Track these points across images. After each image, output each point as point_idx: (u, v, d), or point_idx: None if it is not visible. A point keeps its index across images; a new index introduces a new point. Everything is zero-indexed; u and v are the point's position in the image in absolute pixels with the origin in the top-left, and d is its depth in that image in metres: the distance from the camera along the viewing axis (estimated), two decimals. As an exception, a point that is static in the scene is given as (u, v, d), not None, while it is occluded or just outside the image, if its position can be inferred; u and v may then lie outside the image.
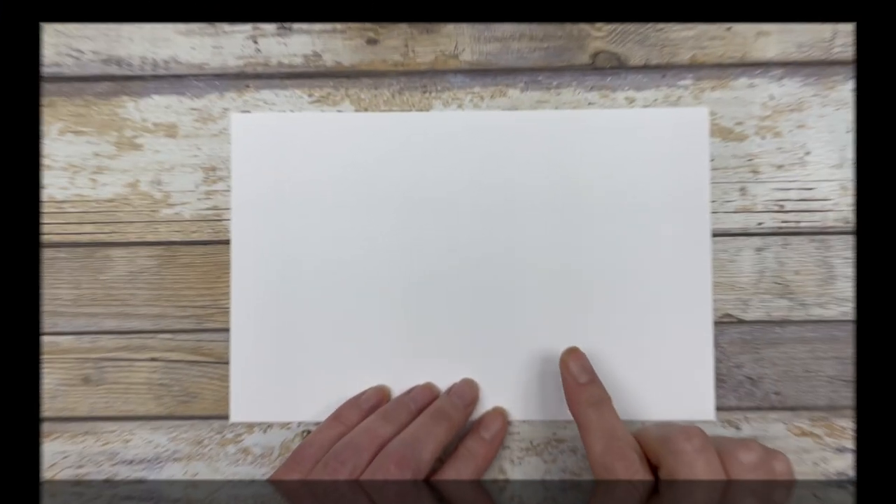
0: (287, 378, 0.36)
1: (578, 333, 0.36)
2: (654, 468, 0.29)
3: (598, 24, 0.36)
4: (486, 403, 0.36)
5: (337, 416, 0.34)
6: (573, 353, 0.33)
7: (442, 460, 0.34)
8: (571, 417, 0.35)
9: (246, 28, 0.37)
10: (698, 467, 0.27)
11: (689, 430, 0.29)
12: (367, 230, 0.36)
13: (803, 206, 0.36)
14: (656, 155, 0.36)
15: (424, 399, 0.34)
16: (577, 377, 0.32)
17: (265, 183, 0.36)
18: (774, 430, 0.36)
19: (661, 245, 0.36)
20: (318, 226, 0.36)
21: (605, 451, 0.29)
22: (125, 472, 0.36)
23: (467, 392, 0.35)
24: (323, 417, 0.35)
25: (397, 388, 0.36)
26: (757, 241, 0.36)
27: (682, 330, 0.35)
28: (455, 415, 0.33)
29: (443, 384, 0.36)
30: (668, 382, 0.35)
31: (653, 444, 0.29)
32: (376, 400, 0.35)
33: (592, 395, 0.32)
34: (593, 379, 0.33)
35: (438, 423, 0.32)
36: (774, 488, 0.28)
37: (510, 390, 0.36)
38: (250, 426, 0.36)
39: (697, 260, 0.36)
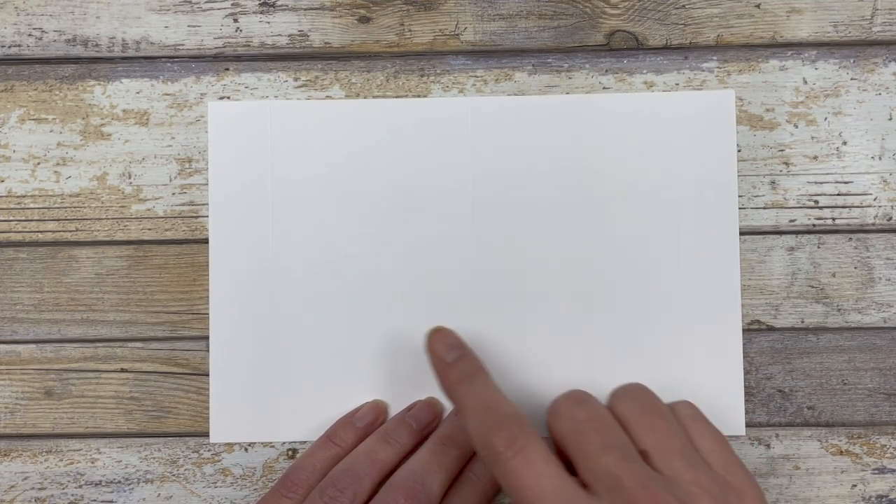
0: (272, 392, 0.34)
1: (593, 341, 0.33)
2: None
3: (614, 1, 0.34)
4: None
5: (330, 435, 0.32)
6: (437, 333, 0.31)
7: (442, 484, 0.31)
8: None
9: (225, 5, 0.34)
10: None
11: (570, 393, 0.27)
12: (359, 228, 0.34)
13: (840, 201, 0.34)
14: (678, 144, 0.34)
15: (427, 417, 0.32)
16: (444, 357, 0.30)
17: (246, 176, 0.34)
18: (808, 448, 0.33)
19: (683, 244, 0.33)
20: (305, 223, 0.34)
21: (481, 426, 0.27)
22: (92, 495, 0.34)
23: None
24: (313, 436, 0.33)
25: (395, 404, 0.34)
26: (789, 239, 0.34)
27: (707, 338, 0.33)
28: (465, 441, 0.31)
29: (444, 397, 0.33)
30: (692, 396, 0.33)
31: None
32: (373, 417, 0.33)
33: (462, 371, 0.29)
34: (463, 354, 0.30)
35: (447, 451, 0.31)
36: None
37: (518, 404, 0.33)
38: (230, 444, 0.33)
39: (724, 261, 0.33)
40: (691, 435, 0.28)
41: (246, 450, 0.34)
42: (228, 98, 0.34)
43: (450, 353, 0.30)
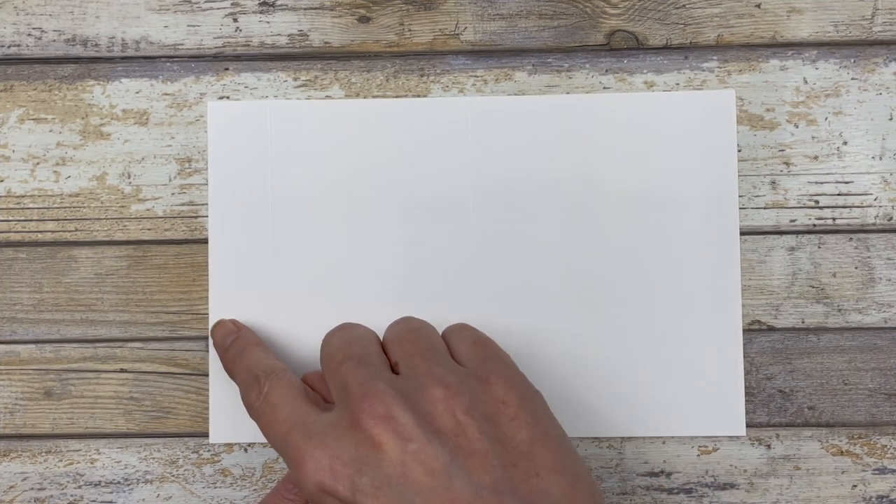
0: (270, 391, 0.33)
1: (593, 340, 0.33)
2: None
3: (614, 0, 0.34)
4: None
5: None
6: (216, 326, 0.32)
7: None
8: (585, 435, 0.33)
9: (225, 4, 0.34)
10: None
11: (369, 394, 0.25)
12: (359, 227, 0.34)
13: (840, 201, 0.33)
14: (678, 144, 0.33)
15: None
16: (222, 345, 0.31)
17: (246, 176, 0.34)
18: (808, 449, 0.33)
19: (683, 244, 0.33)
20: (305, 223, 0.34)
21: (243, 391, 0.29)
22: (91, 496, 0.34)
23: None
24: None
25: (392, 403, 0.33)
26: (789, 239, 0.33)
27: (707, 338, 0.33)
28: None
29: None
30: (692, 396, 0.33)
31: None
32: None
33: (234, 351, 0.31)
34: (237, 337, 0.31)
35: None
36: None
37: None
38: (230, 445, 0.33)
39: (724, 261, 0.33)
40: (450, 343, 0.29)
41: (245, 450, 0.33)
42: (228, 98, 0.34)
43: (226, 339, 0.31)
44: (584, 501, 0.24)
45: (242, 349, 0.31)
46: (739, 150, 0.33)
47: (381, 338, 0.29)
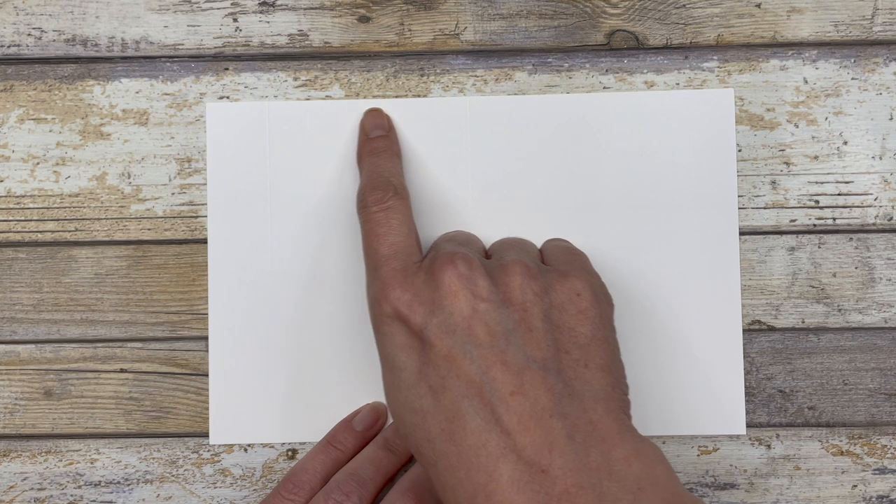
0: (272, 392, 0.33)
1: None
2: None
3: (614, 0, 0.34)
4: None
5: (330, 439, 0.32)
6: (372, 111, 0.33)
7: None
8: None
9: (225, 4, 0.34)
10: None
11: (455, 252, 0.27)
12: (359, 228, 0.33)
13: (841, 201, 0.33)
14: (678, 144, 0.33)
15: None
16: (368, 132, 0.33)
17: (245, 176, 0.34)
18: (809, 449, 0.33)
19: (683, 244, 0.33)
20: (304, 223, 0.34)
21: (364, 186, 0.30)
22: (91, 496, 0.34)
23: None
24: (312, 437, 0.33)
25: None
26: (789, 239, 0.33)
27: (707, 338, 0.33)
28: None
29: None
30: (692, 396, 0.33)
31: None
32: (372, 420, 0.33)
33: (375, 146, 0.32)
34: (384, 135, 0.32)
35: None
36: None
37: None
38: (230, 445, 0.33)
39: (724, 261, 0.33)
40: (544, 250, 0.31)
41: (245, 450, 0.33)
42: (228, 98, 0.34)
43: (374, 131, 0.32)
44: (618, 401, 0.25)
45: (387, 149, 0.32)
46: (739, 150, 0.33)
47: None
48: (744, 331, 0.33)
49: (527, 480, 0.23)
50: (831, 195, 0.33)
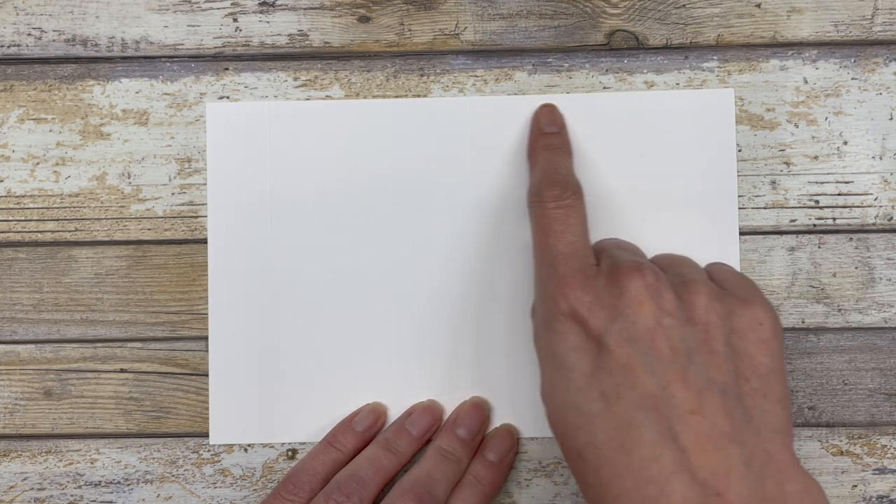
0: (272, 392, 0.33)
1: None
2: None
3: (614, 0, 0.34)
4: (493, 420, 0.33)
5: (330, 440, 0.32)
6: (548, 106, 0.33)
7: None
8: None
9: (225, 4, 0.34)
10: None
11: (642, 262, 0.27)
12: (359, 227, 0.33)
13: (841, 201, 0.33)
14: (677, 144, 0.33)
15: (426, 423, 0.32)
16: (542, 127, 0.32)
17: (245, 176, 0.34)
18: (809, 449, 0.33)
19: (683, 244, 0.33)
20: (304, 223, 0.34)
21: (541, 180, 0.30)
22: (91, 496, 0.34)
23: (474, 423, 0.32)
24: (313, 437, 0.33)
25: (394, 405, 0.33)
26: (789, 240, 0.33)
27: None
28: (464, 455, 0.32)
29: (444, 398, 0.33)
30: (692, 397, 0.33)
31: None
32: (372, 420, 0.33)
33: (551, 142, 0.32)
34: (559, 132, 0.32)
35: (448, 463, 0.31)
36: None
37: (517, 405, 0.33)
38: (230, 445, 0.33)
39: (724, 260, 0.33)
40: (712, 273, 0.29)
41: (245, 450, 0.33)
42: (228, 98, 0.34)
43: (549, 127, 0.32)
44: (791, 436, 0.25)
45: (563, 146, 0.32)
46: (739, 150, 0.33)
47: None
48: (744, 331, 0.33)
49: (699, 501, 0.23)
50: (831, 195, 0.33)
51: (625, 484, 0.24)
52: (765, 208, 0.33)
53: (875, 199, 0.33)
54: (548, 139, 0.32)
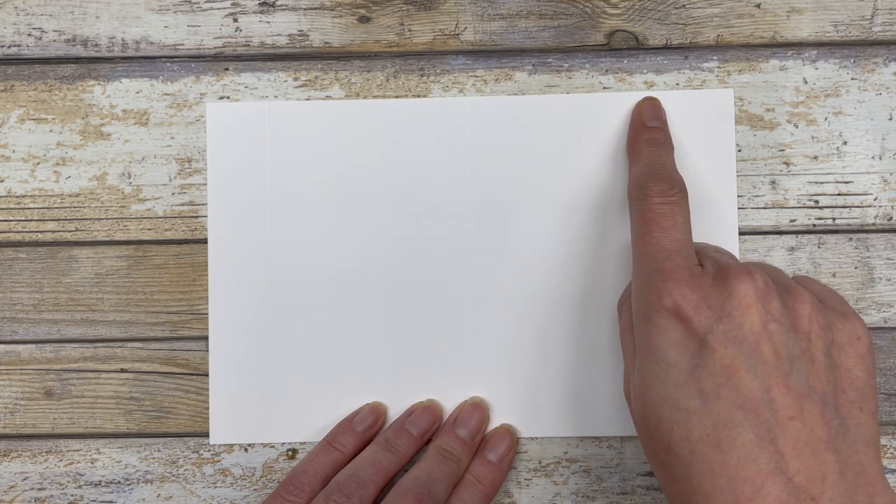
0: (272, 392, 0.33)
1: (592, 341, 0.33)
2: None
3: (614, 0, 0.34)
4: (492, 420, 0.33)
5: (330, 440, 0.32)
6: (649, 100, 0.33)
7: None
8: (585, 434, 0.33)
9: (225, 5, 0.34)
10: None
11: (751, 267, 0.27)
12: (359, 227, 0.33)
13: (840, 201, 0.33)
14: (677, 144, 0.33)
15: (426, 422, 0.32)
16: (645, 121, 0.32)
17: (245, 176, 0.34)
18: (808, 449, 0.33)
19: (683, 244, 0.33)
20: (304, 223, 0.34)
21: (646, 173, 0.30)
22: (91, 496, 0.34)
23: (474, 423, 0.32)
24: (313, 437, 0.33)
25: (394, 404, 0.33)
26: (789, 239, 0.33)
27: None
28: (464, 455, 0.32)
29: (443, 397, 0.33)
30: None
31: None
32: (372, 420, 0.33)
33: (653, 136, 0.32)
34: (662, 127, 0.32)
35: (448, 463, 0.31)
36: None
37: (517, 405, 0.33)
38: (230, 445, 0.33)
39: None
40: (798, 280, 0.30)
41: (246, 450, 0.33)
42: (228, 98, 0.34)
43: (652, 121, 0.32)
44: (879, 457, 0.26)
45: (667, 142, 0.32)
46: (739, 150, 0.33)
47: None
48: (743, 331, 0.33)
49: None
50: (831, 195, 0.33)
51: (718, 482, 0.24)
52: (764, 208, 0.33)
53: (875, 199, 0.33)
54: (651, 133, 0.32)
